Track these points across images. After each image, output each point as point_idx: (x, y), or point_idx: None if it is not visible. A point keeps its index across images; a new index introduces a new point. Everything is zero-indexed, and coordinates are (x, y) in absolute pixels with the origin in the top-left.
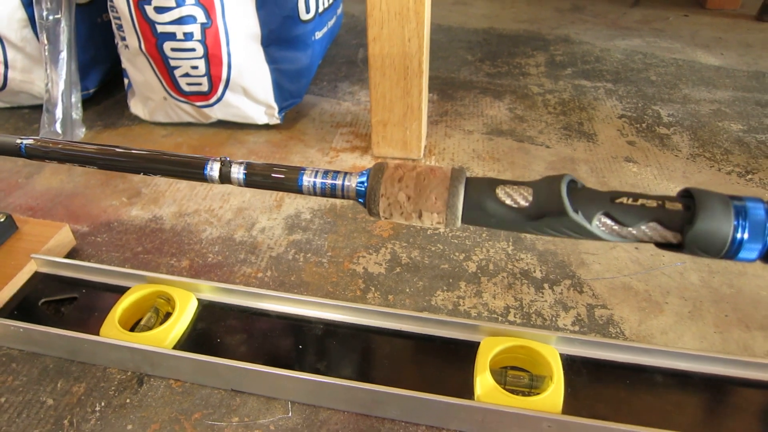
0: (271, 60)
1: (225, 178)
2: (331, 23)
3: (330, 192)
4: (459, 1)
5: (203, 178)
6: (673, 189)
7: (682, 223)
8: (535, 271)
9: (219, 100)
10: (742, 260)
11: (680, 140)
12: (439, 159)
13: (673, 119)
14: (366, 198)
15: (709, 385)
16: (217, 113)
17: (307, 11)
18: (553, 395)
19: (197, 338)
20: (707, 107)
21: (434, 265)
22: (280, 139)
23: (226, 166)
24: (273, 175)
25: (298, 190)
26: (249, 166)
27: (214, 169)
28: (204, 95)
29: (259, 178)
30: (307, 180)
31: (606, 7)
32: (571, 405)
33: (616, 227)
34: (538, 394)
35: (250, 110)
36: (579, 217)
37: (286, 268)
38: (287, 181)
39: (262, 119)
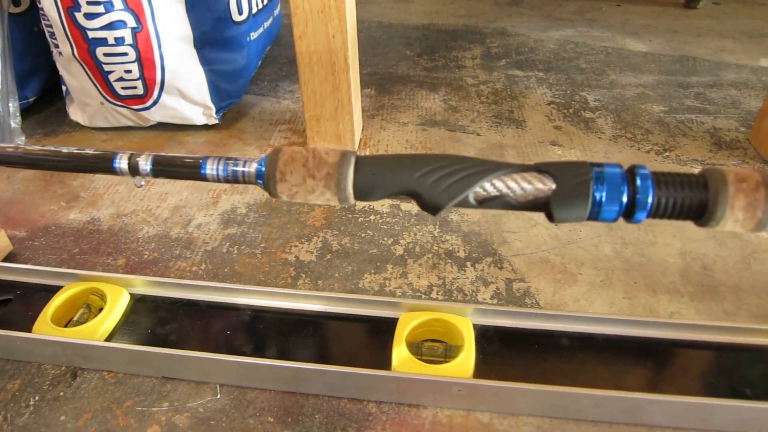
0: (205, 61)
1: (134, 169)
2: (267, 24)
3: (233, 177)
4: None
5: (113, 171)
6: None
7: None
8: (459, 251)
9: (155, 102)
10: (606, 220)
11: (604, 123)
12: (373, 150)
13: (599, 104)
14: (264, 180)
15: (612, 345)
16: (155, 116)
17: (240, 13)
18: (464, 362)
19: (129, 330)
20: (632, 91)
21: (363, 250)
22: (220, 138)
23: (134, 158)
24: (178, 164)
25: (204, 177)
26: (155, 158)
27: (123, 162)
28: (140, 98)
29: (165, 168)
30: (210, 168)
31: (543, 0)
32: (482, 370)
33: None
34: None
35: (187, 111)
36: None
37: (220, 260)
38: (191, 170)
39: (201, 120)
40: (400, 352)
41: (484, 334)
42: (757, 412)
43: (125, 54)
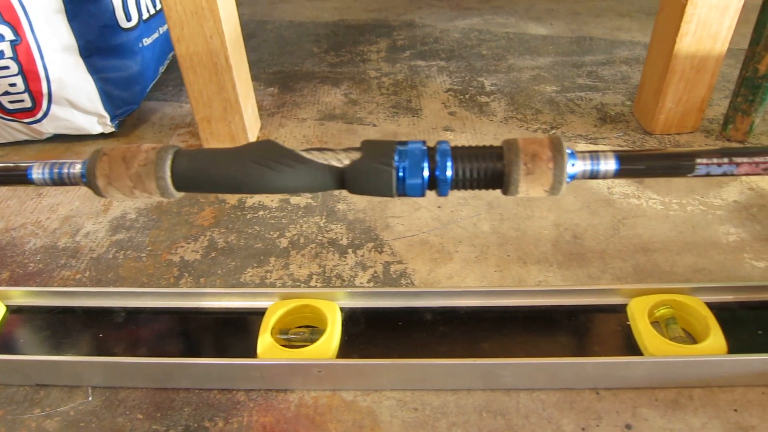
0: (94, 70)
1: None
2: (164, 29)
3: (59, 180)
4: None
5: None
6: None
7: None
8: (342, 239)
9: (46, 114)
10: (414, 195)
11: (497, 106)
12: None
13: (495, 88)
14: (88, 180)
15: (473, 317)
16: (48, 128)
17: (128, 19)
18: (325, 344)
19: (3, 342)
20: (528, 74)
21: (249, 245)
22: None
23: None
24: (2, 171)
25: (31, 182)
26: None
27: None
28: (29, 111)
29: None
30: (37, 173)
31: None
32: (346, 351)
33: None
34: None
35: (81, 121)
36: None
37: (104, 266)
38: (17, 176)
39: (96, 129)
40: (264, 340)
41: (351, 317)
42: (600, 367)
43: (7, 68)
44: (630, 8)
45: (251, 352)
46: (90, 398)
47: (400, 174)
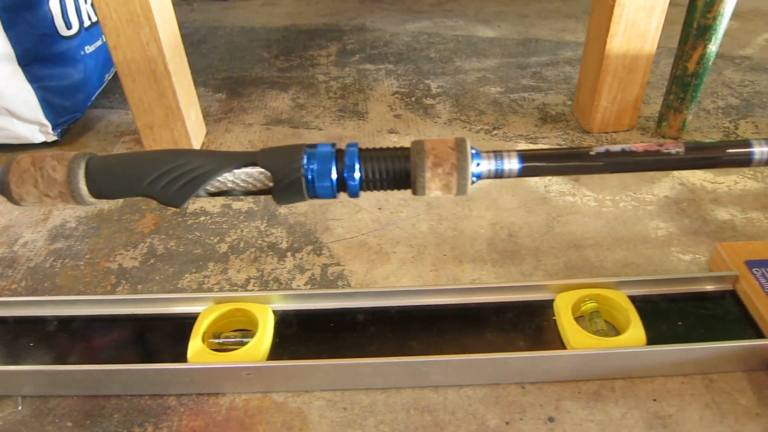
0: (33, 78)
1: None
2: None
3: None
4: (267, 2)
5: None
6: None
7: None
8: (282, 243)
9: None
10: (325, 197)
11: (442, 108)
12: None
13: (441, 90)
14: (2, 189)
15: (403, 316)
16: None
17: (68, 27)
18: (255, 347)
19: None
20: (474, 75)
21: (188, 251)
22: None
23: None
24: None
25: None
26: None
27: None
28: None
29: None
30: None
31: None
32: (277, 353)
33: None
34: None
35: (22, 131)
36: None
37: (41, 276)
38: None
39: (38, 138)
40: (194, 345)
41: (284, 319)
42: (524, 362)
43: None
44: (576, 9)
45: (183, 357)
46: (20, 407)
47: (309, 177)
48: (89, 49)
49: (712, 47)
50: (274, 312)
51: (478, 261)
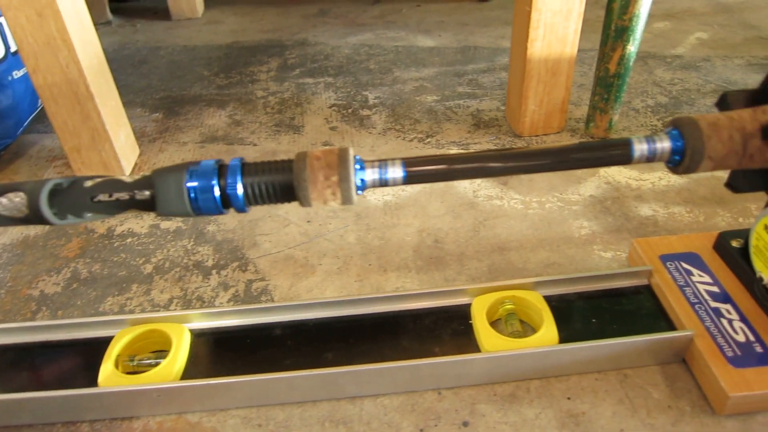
0: None
1: None
2: None
3: None
4: (211, 20)
5: None
6: None
7: (153, 202)
8: (207, 261)
9: None
10: (210, 213)
11: (378, 119)
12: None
13: (378, 101)
14: None
15: (321, 328)
16: None
17: None
18: (167, 367)
19: None
20: (412, 85)
21: (113, 274)
22: None
23: None
24: None
25: None
26: None
27: None
28: None
29: None
30: None
31: (349, 8)
32: (191, 372)
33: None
34: None
35: None
36: (71, 220)
37: None
38: None
39: None
40: (106, 369)
41: (201, 338)
42: (438, 367)
43: None
44: None
45: (96, 382)
46: None
47: (192, 195)
48: (18, 74)
49: (631, 48)
50: (191, 331)
51: (403, 269)
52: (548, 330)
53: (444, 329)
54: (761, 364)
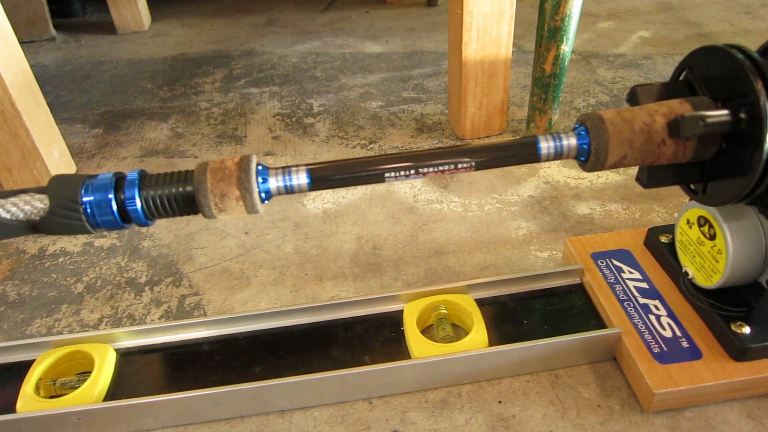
0: None
1: None
2: None
3: None
4: (158, 33)
5: None
6: None
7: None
8: (141, 277)
9: None
10: (110, 229)
11: (322, 126)
12: None
13: (323, 108)
14: None
15: (251, 341)
16: None
17: None
18: (88, 389)
19: None
20: (357, 92)
21: (42, 295)
22: None
23: None
24: None
25: None
26: None
27: None
28: None
29: None
30: None
31: (298, 16)
32: (115, 393)
33: None
34: None
35: None
36: None
37: None
38: None
39: None
40: (24, 393)
41: (127, 357)
42: (366, 377)
43: None
44: None
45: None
46: None
47: (89, 211)
48: None
49: (565, 48)
50: (117, 350)
51: (340, 277)
52: (478, 333)
53: (375, 337)
54: (687, 359)
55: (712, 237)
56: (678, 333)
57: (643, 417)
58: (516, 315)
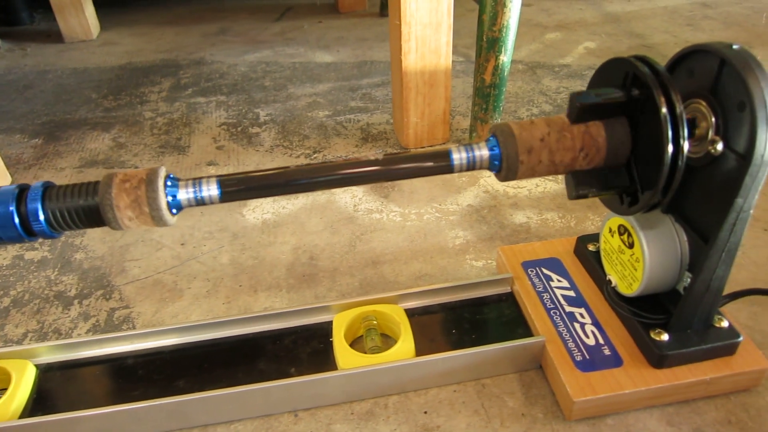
0: None
1: None
2: None
3: None
4: (107, 42)
5: None
6: None
7: None
8: (71, 291)
9: None
10: (12, 242)
11: (267, 136)
12: None
13: (270, 118)
14: None
15: (175, 355)
16: None
17: None
18: (4, 406)
19: None
20: (305, 101)
21: None
22: None
23: None
24: None
25: None
26: None
27: None
28: None
29: None
30: None
31: (251, 25)
32: (33, 410)
33: None
34: None
35: None
36: None
37: None
38: None
39: None
40: None
41: (48, 373)
42: (291, 389)
43: None
44: None
45: None
46: None
47: None
48: None
49: (504, 58)
50: (38, 366)
51: (274, 288)
52: (405, 344)
53: (303, 349)
54: (608, 366)
55: (631, 245)
56: (601, 341)
57: (565, 425)
58: (446, 325)
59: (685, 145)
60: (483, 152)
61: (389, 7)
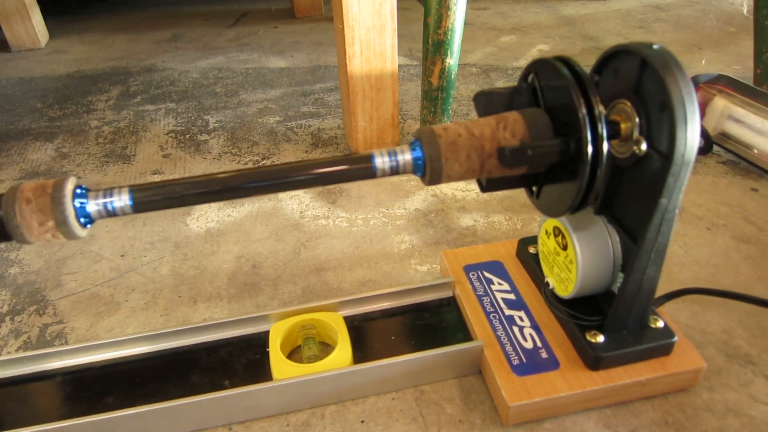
0: None
1: None
2: None
3: None
4: (55, 50)
5: None
6: None
7: None
8: (2, 307)
9: None
10: None
11: (216, 143)
12: None
13: (219, 124)
14: None
15: (106, 371)
16: None
17: None
18: None
19: None
20: (256, 107)
21: None
22: None
23: None
24: None
25: None
26: None
27: None
28: None
29: None
30: None
31: (204, 31)
32: None
33: None
34: None
35: None
36: None
37: None
38: None
39: None
40: None
41: None
42: (222, 402)
43: None
44: None
45: None
46: None
47: None
48: None
49: (450, 61)
50: None
51: (215, 298)
52: (341, 352)
53: (239, 360)
54: (544, 370)
55: (565, 247)
56: (539, 344)
57: (503, 431)
58: (385, 331)
59: (605, 146)
60: (406, 156)
61: (333, 11)
